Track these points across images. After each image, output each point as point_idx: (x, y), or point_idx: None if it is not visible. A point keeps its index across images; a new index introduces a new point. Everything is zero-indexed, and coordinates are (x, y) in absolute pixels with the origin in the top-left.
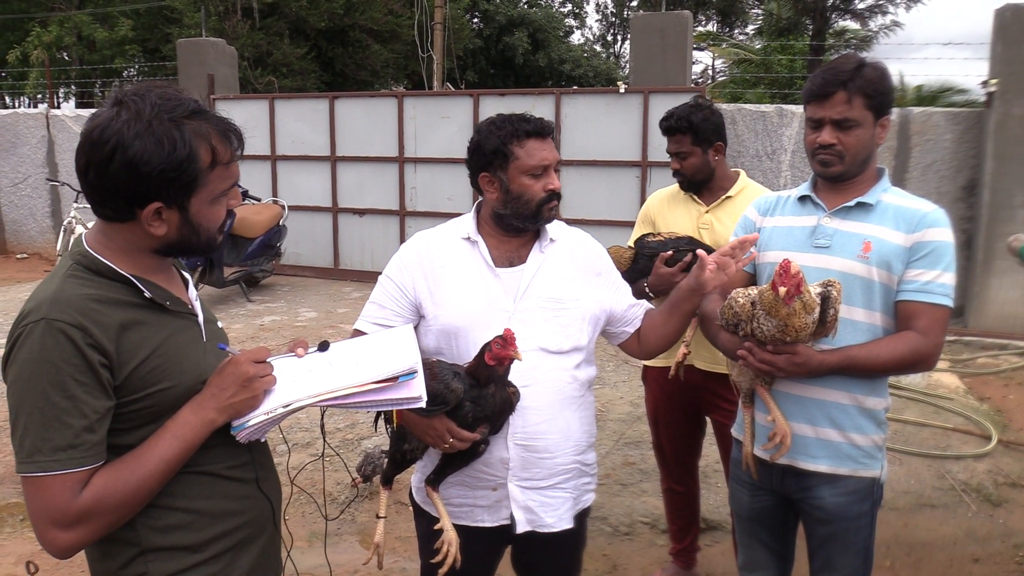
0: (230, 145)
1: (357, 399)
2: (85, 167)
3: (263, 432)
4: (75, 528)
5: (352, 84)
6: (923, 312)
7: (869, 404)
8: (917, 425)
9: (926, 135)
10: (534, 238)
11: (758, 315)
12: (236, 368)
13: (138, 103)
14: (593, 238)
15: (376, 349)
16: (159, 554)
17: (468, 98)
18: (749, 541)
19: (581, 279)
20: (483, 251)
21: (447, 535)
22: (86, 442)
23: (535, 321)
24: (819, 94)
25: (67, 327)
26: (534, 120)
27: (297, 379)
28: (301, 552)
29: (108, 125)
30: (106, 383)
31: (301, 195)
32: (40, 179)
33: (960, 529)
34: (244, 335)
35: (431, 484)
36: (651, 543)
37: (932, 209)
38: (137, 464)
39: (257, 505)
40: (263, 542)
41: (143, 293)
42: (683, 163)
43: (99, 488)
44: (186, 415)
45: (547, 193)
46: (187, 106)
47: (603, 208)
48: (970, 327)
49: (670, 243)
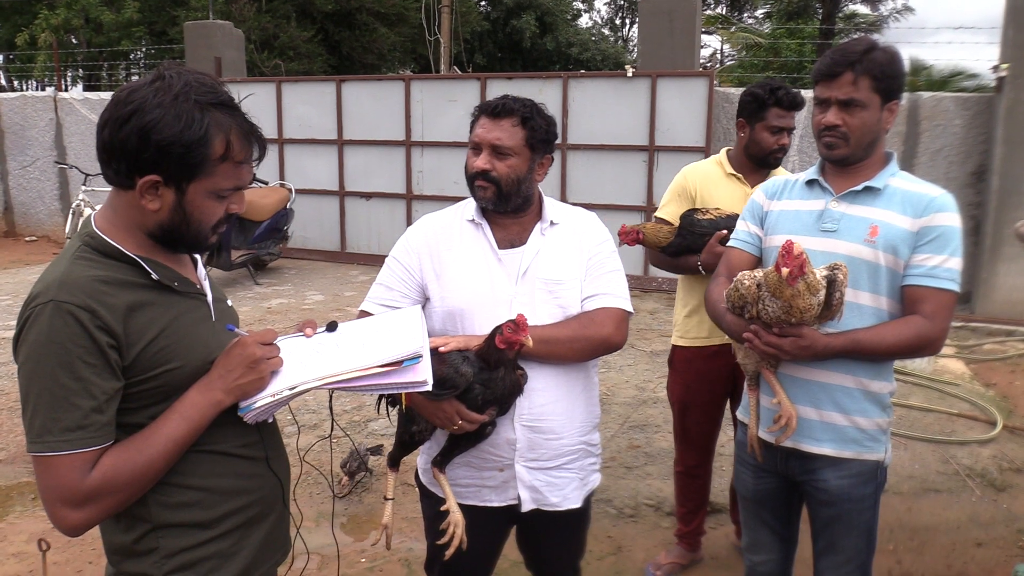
0: (248, 146)
1: (362, 382)
2: (104, 123)
3: (270, 413)
4: (85, 507)
5: (359, 67)
6: (929, 296)
7: (874, 388)
8: (922, 410)
9: (935, 120)
10: (534, 220)
11: (763, 297)
12: (243, 350)
13: (173, 79)
14: (601, 222)
15: (384, 331)
16: (170, 530)
17: (475, 81)
18: (753, 523)
19: (582, 256)
20: (487, 233)
21: (453, 516)
22: (95, 423)
23: (535, 303)
24: (827, 73)
25: (75, 309)
26: (497, 100)
27: (304, 361)
28: (309, 531)
29: (138, 89)
30: (114, 364)
31: (308, 178)
32: (48, 162)
33: (964, 514)
34: (252, 318)
35: (438, 465)
36: (655, 525)
37: (940, 194)
38: (145, 444)
39: (267, 483)
40: (273, 519)
41: (150, 275)
42: (786, 140)
43: (108, 468)
44: (193, 396)
45: (473, 171)
46: (219, 96)
47: (610, 192)
48: (977, 313)
49: (722, 222)
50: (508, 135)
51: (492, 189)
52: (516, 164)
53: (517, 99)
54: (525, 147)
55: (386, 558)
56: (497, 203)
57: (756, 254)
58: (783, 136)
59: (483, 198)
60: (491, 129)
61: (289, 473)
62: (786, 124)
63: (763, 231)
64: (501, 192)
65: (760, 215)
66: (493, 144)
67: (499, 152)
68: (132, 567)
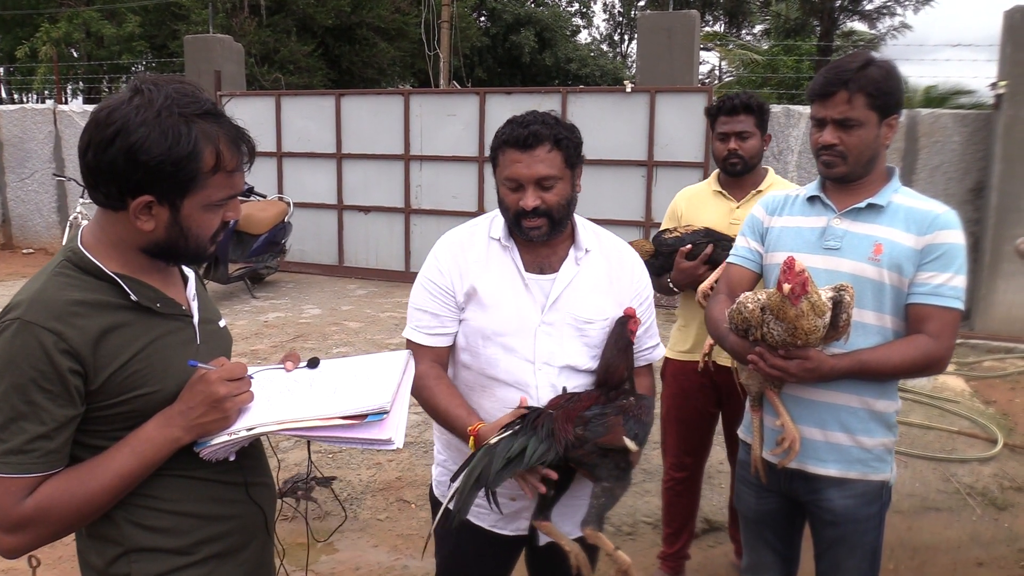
0: (238, 153)
1: (321, 432)
2: (86, 146)
3: (229, 452)
4: (16, 533)
5: (359, 82)
6: (934, 315)
7: (879, 407)
8: (922, 428)
9: (934, 137)
10: (567, 245)
11: (767, 320)
12: (207, 387)
13: (153, 92)
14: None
15: (361, 377)
16: (143, 555)
17: (474, 96)
18: (755, 543)
19: (614, 295)
20: (515, 256)
21: (572, 548)
22: (39, 449)
23: (563, 337)
24: (821, 93)
25: (40, 331)
26: (520, 127)
27: (272, 398)
28: (301, 548)
29: (117, 108)
30: (74, 391)
31: (306, 192)
32: (47, 174)
33: (964, 533)
34: (248, 331)
35: (540, 518)
36: (653, 543)
37: (944, 211)
38: (90, 476)
39: (247, 511)
40: (254, 549)
41: (129, 295)
42: (743, 144)
43: (44, 498)
44: (150, 430)
45: (520, 208)
46: (202, 105)
47: (608, 207)
48: (976, 330)
49: (688, 237)
50: (548, 164)
51: (545, 223)
52: (562, 190)
53: (540, 119)
54: (566, 168)
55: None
56: (551, 234)
57: (756, 271)
58: (730, 141)
59: (538, 235)
60: (529, 164)
61: (274, 501)
62: (731, 129)
63: (763, 248)
64: (553, 221)
65: (760, 231)
66: (537, 179)
67: (544, 185)
68: None
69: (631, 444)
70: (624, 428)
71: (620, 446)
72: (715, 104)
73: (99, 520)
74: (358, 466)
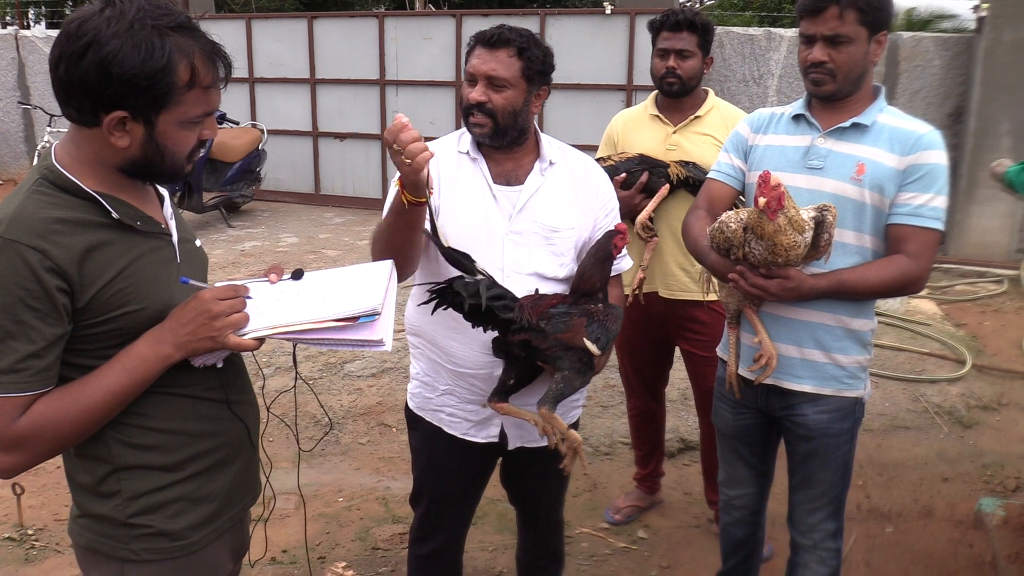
0: (213, 68)
1: (314, 335)
2: (57, 59)
3: (219, 357)
4: (11, 452)
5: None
6: (914, 236)
7: (855, 326)
8: (894, 350)
9: (914, 61)
10: (532, 158)
11: (749, 239)
12: (200, 305)
13: (125, 4)
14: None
15: (348, 284)
16: (132, 472)
17: (451, 18)
18: (730, 457)
19: (580, 206)
20: (483, 167)
21: (569, 435)
22: (31, 367)
23: (530, 245)
24: (811, 9)
25: (25, 249)
26: (491, 29)
27: (260, 308)
28: (286, 472)
29: (88, 19)
30: (62, 308)
31: (280, 119)
32: (11, 103)
33: (931, 450)
34: (225, 260)
35: (496, 400)
36: (630, 463)
37: (927, 131)
38: (82, 394)
39: (233, 427)
40: (240, 464)
41: (110, 213)
42: (683, 63)
43: (37, 415)
44: (141, 348)
45: (469, 103)
46: (175, 18)
47: (587, 132)
48: (950, 255)
49: (622, 166)
50: (504, 66)
51: (489, 123)
52: (512, 96)
53: (513, 29)
54: (522, 79)
55: (363, 497)
56: (493, 137)
57: (737, 187)
58: (669, 59)
59: (479, 132)
60: (487, 60)
61: (257, 417)
62: (671, 46)
63: (747, 165)
64: (497, 125)
65: (744, 148)
66: (489, 75)
67: (495, 84)
68: (96, 509)
69: (592, 346)
70: (586, 331)
71: (579, 345)
72: (657, 18)
73: (87, 439)
74: (339, 392)
